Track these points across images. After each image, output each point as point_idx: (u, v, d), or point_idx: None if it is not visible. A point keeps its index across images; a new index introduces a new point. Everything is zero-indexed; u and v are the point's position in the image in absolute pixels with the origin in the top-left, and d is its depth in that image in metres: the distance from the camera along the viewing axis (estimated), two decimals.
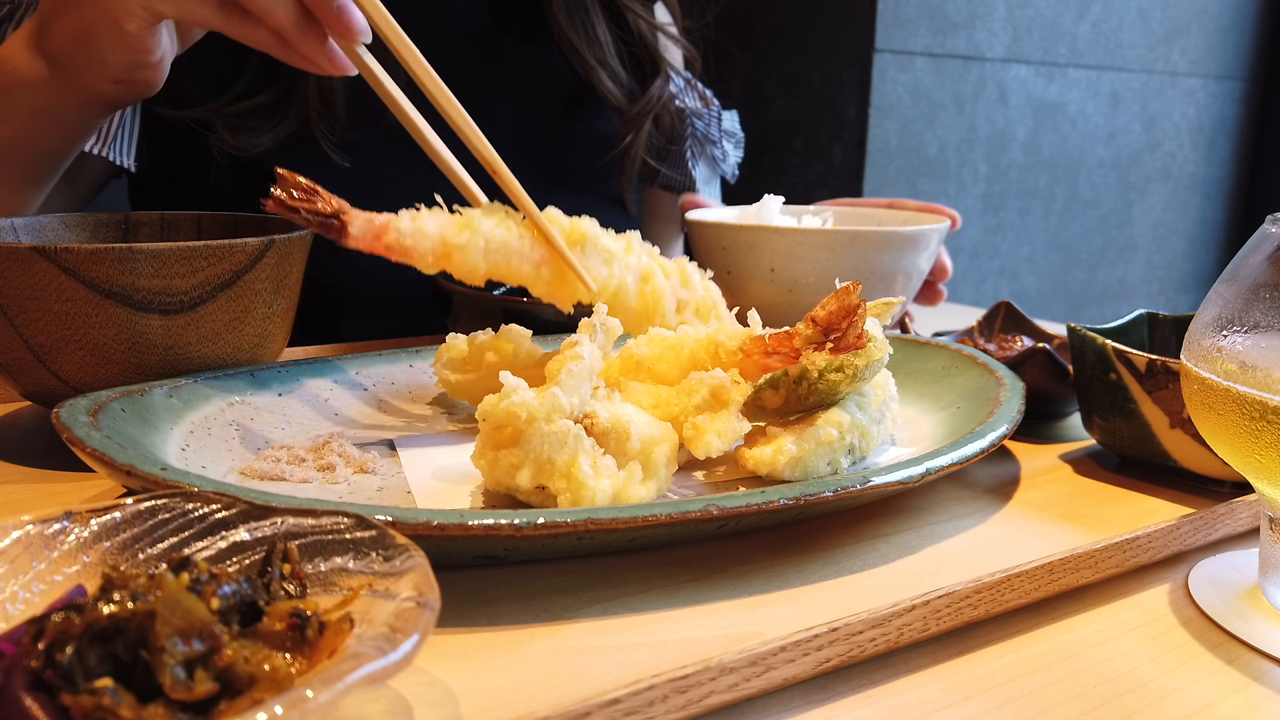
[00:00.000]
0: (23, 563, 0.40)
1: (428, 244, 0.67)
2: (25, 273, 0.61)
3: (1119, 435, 0.69)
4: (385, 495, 0.59)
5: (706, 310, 0.79)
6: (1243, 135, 3.01)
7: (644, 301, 0.75)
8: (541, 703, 0.40)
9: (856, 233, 0.89)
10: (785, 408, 0.64)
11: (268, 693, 0.34)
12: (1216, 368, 0.51)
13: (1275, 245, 0.50)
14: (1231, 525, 0.60)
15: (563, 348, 0.61)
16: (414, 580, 0.38)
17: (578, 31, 1.15)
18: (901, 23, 2.17)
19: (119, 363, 0.64)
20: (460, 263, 0.68)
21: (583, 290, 0.72)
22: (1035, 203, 2.55)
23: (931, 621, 0.47)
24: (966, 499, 0.64)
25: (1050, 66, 2.46)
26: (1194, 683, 0.46)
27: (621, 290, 0.74)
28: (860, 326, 0.62)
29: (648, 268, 0.76)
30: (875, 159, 2.20)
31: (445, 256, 0.67)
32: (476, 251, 0.68)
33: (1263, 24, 2.93)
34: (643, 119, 1.18)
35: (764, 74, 2.41)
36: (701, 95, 1.29)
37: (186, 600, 0.34)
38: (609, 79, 1.16)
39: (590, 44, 1.15)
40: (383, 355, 0.78)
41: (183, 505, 0.43)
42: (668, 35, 1.25)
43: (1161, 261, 2.94)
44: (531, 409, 0.53)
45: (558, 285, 0.72)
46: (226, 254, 0.65)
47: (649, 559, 0.54)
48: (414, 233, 0.66)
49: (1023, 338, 0.86)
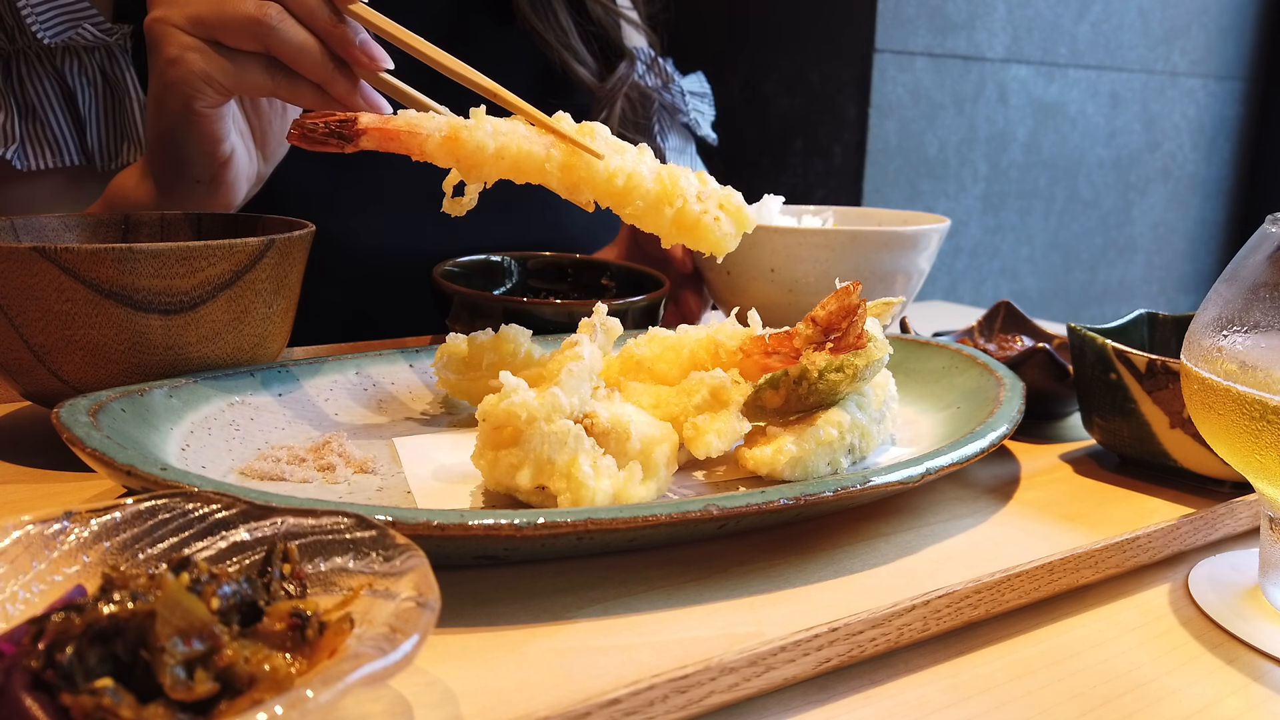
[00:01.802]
0: (23, 563, 0.40)
1: (435, 124, 0.66)
2: (25, 273, 0.61)
3: (1119, 435, 0.69)
4: (385, 495, 0.59)
5: (734, 210, 0.70)
6: (1243, 135, 3.01)
7: (662, 183, 0.69)
8: (541, 703, 0.40)
9: (856, 233, 0.89)
10: (785, 408, 0.64)
11: (268, 693, 0.34)
12: (1216, 368, 0.51)
13: (1275, 245, 0.50)
14: (1231, 525, 0.60)
15: (563, 348, 0.61)
16: (414, 580, 0.38)
17: (540, 17, 1.18)
18: (901, 23, 2.16)
19: (119, 363, 0.64)
20: (467, 141, 0.66)
21: (598, 170, 0.68)
22: (1035, 203, 2.55)
23: (931, 621, 0.47)
24: (966, 499, 0.64)
25: (1050, 66, 2.46)
26: (1194, 683, 0.46)
27: (637, 173, 0.68)
28: (860, 326, 0.62)
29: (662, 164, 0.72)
30: (875, 159, 2.20)
31: (453, 138, 0.66)
32: (484, 133, 0.66)
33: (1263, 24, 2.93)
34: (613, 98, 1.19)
35: (764, 74, 2.41)
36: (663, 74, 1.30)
37: (186, 600, 0.34)
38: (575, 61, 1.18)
39: (552, 29, 1.19)
40: (383, 355, 0.78)
41: (183, 505, 0.43)
42: (629, 20, 1.28)
43: (1161, 261, 2.94)
44: (531, 409, 0.53)
45: (570, 168, 0.68)
46: (226, 254, 0.65)
47: (649, 559, 0.54)
48: (422, 117, 0.67)
49: (1023, 338, 0.86)
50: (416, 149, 0.66)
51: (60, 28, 0.96)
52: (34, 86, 0.98)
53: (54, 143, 0.99)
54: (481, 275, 1.00)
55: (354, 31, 0.73)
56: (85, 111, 1.00)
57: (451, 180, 0.69)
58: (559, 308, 0.87)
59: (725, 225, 0.69)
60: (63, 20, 0.96)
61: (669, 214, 0.68)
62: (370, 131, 0.66)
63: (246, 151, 0.86)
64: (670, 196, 0.68)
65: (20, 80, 0.97)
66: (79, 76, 1.00)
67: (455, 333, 0.73)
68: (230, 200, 0.87)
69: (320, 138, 0.67)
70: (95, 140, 1.01)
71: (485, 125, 0.67)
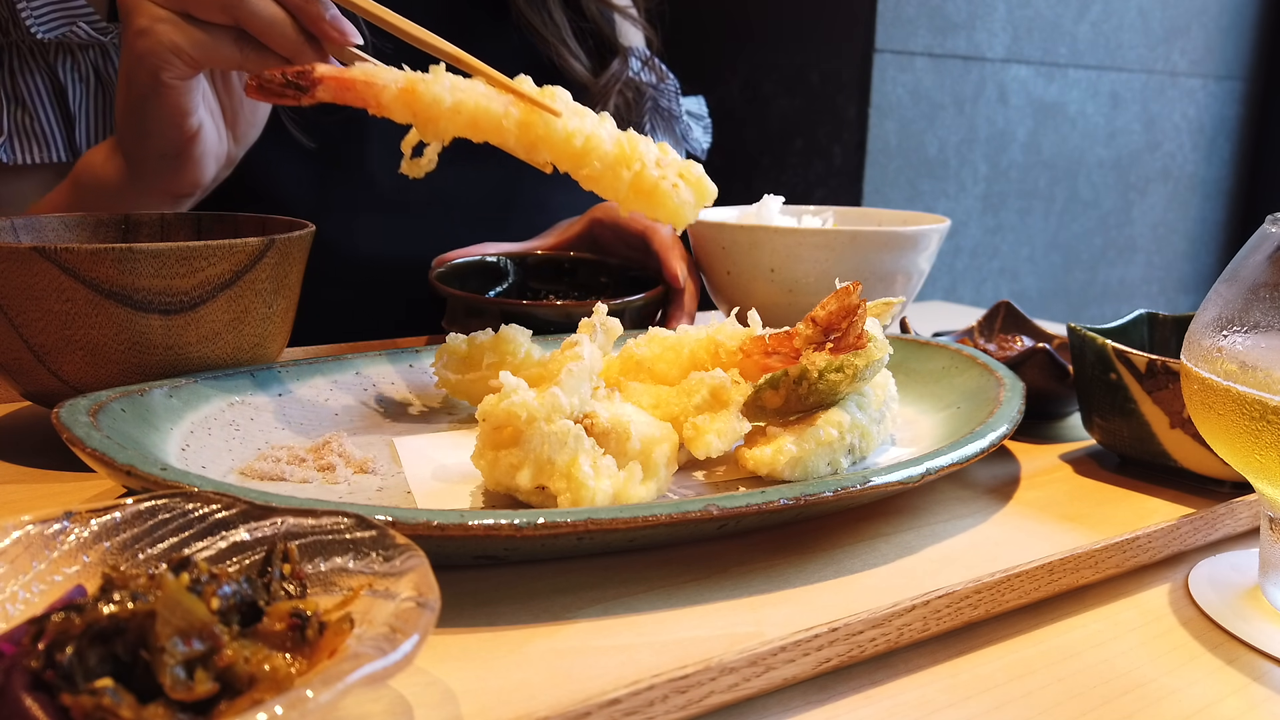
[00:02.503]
0: (23, 563, 0.40)
1: (392, 76, 0.66)
2: (25, 273, 0.61)
3: (1119, 435, 0.69)
4: (385, 495, 0.59)
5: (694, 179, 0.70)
6: (1243, 135, 3.01)
7: (620, 146, 0.68)
8: (541, 703, 0.40)
9: (856, 233, 0.89)
10: (785, 408, 0.64)
11: (268, 693, 0.34)
12: (1216, 368, 0.51)
13: (1275, 245, 0.50)
14: (1231, 525, 0.60)
15: (563, 348, 0.61)
16: (414, 580, 0.38)
17: (535, 13, 1.18)
18: (901, 23, 2.16)
19: (119, 363, 0.64)
20: (424, 94, 0.66)
21: (557, 128, 0.67)
22: (1035, 203, 2.55)
23: (931, 621, 0.47)
24: (966, 499, 0.64)
25: (1050, 67, 2.46)
26: (1194, 683, 0.46)
27: (595, 135, 0.68)
28: (860, 326, 0.62)
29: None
30: (875, 159, 2.20)
31: (410, 90, 0.66)
32: (442, 87, 0.66)
33: (1263, 24, 2.93)
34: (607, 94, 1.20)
35: (764, 74, 2.41)
36: (657, 71, 1.30)
37: (186, 600, 0.34)
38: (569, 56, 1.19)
39: (546, 26, 1.19)
40: (383, 355, 0.78)
41: (183, 505, 0.43)
42: (626, 17, 1.28)
43: (1161, 261, 2.93)
44: (531, 409, 0.53)
45: (528, 126, 0.67)
46: (226, 254, 0.65)
47: (649, 559, 0.54)
48: (379, 69, 0.67)
49: (1023, 338, 0.86)
50: (373, 100, 0.66)
51: (55, 24, 0.96)
52: (25, 81, 0.98)
53: (42, 138, 0.99)
54: (478, 275, 0.99)
55: (324, 7, 0.73)
56: (75, 108, 1.00)
57: (410, 140, 0.68)
58: (557, 309, 0.87)
59: (684, 193, 0.68)
60: (58, 17, 0.96)
61: (626, 177, 0.68)
62: (326, 81, 0.66)
63: (216, 130, 0.86)
64: (628, 159, 0.68)
65: (12, 74, 0.98)
66: (71, 73, 1.00)
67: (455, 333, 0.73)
68: (197, 177, 0.86)
69: (277, 89, 0.66)
70: (84, 138, 1.01)
71: (444, 80, 0.66)
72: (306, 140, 1.08)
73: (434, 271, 0.94)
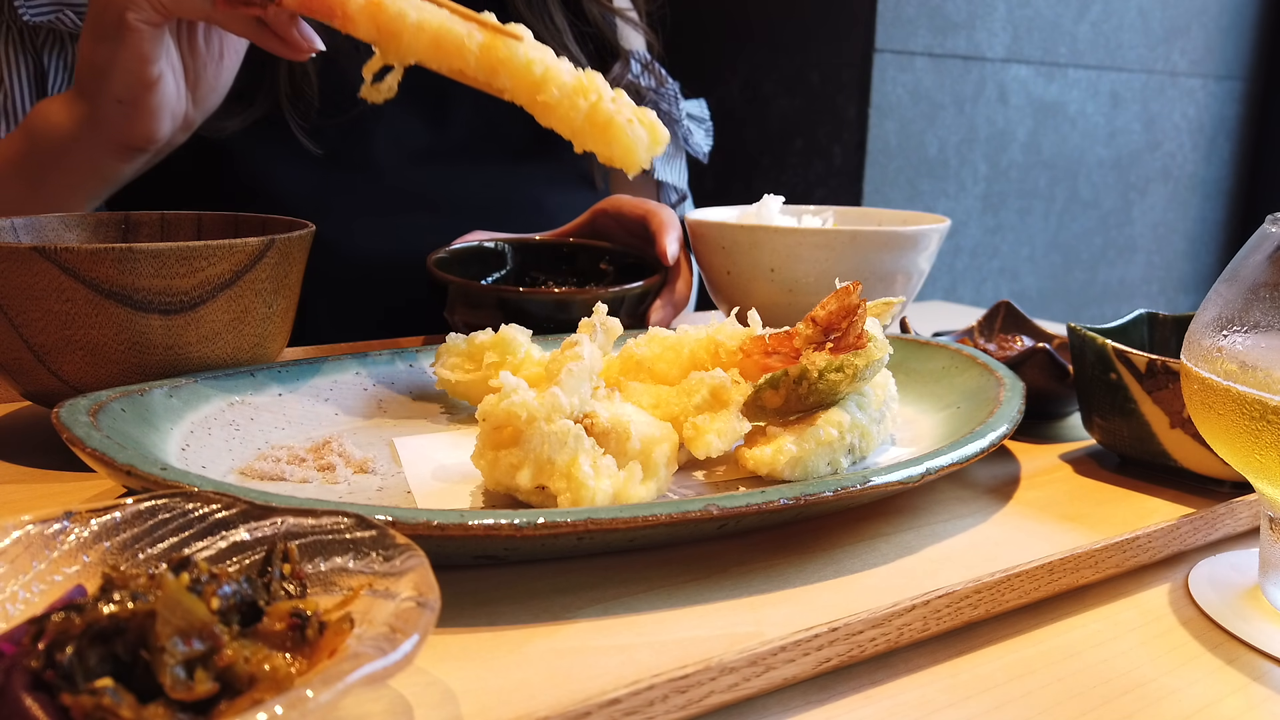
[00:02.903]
0: (23, 563, 0.40)
1: None
2: (25, 273, 0.61)
3: (1119, 435, 0.69)
4: (385, 495, 0.59)
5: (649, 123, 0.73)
6: (1243, 135, 3.01)
7: (579, 79, 0.71)
8: (541, 703, 0.40)
9: (856, 233, 0.89)
10: (785, 408, 0.64)
11: (268, 693, 0.34)
12: (1216, 368, 0.51)
13: (1275, 245, 0.50)
14: (1231, 525, 0.60)
15: (563, 348, 0.61)
16: (414, 580, 0.38)
17: (536, 16, 1.19)
18: (901, 23, 2.16)
19: (119, 363, 0.64)
20: (389, 7, 0.66)
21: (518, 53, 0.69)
22: (1035, 203, 2.55)
23: (931, 621, 0.47)
24: (966, 499, 0.64)
25: (1050, 66, 2.46)
26: (1194, 683, 0.46)
27: (556, 66, 0.71)
28: (860, 326, 0.62)
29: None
30: (875, 159, 2.20)
31: (375, 3, 0.66)
32: (408, 3, 0.67)
33: (1263, 24, 2.93)
34: None
35: (764, 74, 2.41)
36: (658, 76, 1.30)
37: (186, 600, 0.34)
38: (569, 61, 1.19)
39: (547, 29, 1.19)
40: (383, 355, 0.78)
41: (183, 505, 0.43)
42: (626, 20, 1.28)
43: (1161, 261, 2.93)
44: (531, 409, 0.53)
45: (490, 49, 0.69)
46: (226, 254, 0.65)
47: (649, 559, 0.54)
48: None
49: (1023, 338, 0.86)
50: (339, 11, 0.67)
51: (44, 9, 0.97)
52: (7, 59, 0.98)
53: (16, 117, 1.00)
54: (477, 262, 0.99)
55: None
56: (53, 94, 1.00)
57: (372, 66, 0.69)
58: (557, 296, 0.86)
59: (638, 129, 0.70)
60: (48, 2, 0.97)
61: (583, 107, 0.70)
62: None
63: (176, 86, 0.87)
64: (585, 90, 0.70)
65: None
66: (56, 59, 1.00)
67: (452, 324, 0.73)
68: (151, 128, 0.86)
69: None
70: None
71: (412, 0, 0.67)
72: (314, 147, 1.08)
73: (432, 258, 0.93)
